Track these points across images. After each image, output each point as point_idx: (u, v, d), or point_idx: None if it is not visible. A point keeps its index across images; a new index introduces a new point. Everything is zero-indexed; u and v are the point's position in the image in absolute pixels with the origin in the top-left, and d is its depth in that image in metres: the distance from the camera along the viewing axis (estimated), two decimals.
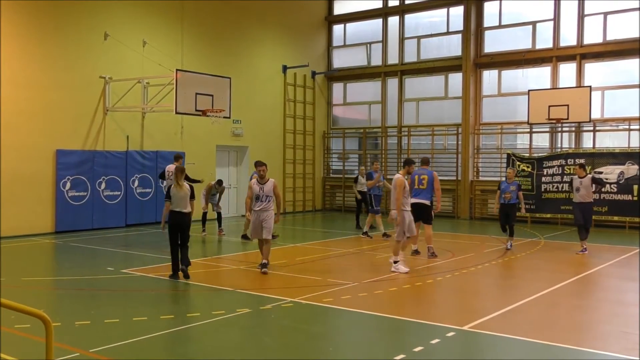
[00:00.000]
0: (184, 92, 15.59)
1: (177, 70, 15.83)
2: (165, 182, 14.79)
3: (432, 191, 12.62)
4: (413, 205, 12.44)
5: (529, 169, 19.06)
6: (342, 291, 9.22)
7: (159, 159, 18.08)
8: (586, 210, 13.29)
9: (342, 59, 24.83)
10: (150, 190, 17.90)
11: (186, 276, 9.90)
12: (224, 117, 16.95)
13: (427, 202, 12.65)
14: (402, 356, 6.20)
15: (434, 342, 6.69)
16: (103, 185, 16.75)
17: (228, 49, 20.60)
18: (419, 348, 6.48)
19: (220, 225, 15.75)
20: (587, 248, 13.24)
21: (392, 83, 23.47)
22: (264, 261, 10.59)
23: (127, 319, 7.50)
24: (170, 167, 14.12)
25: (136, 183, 17.57)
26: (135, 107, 17.44)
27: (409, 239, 11.14)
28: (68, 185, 15.97)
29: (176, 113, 15.87)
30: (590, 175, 13.30)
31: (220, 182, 15.94)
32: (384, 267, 11.53)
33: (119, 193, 17.15)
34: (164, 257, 12.30)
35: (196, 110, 16.02)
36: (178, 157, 14.76)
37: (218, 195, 15.71)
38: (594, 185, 13.23)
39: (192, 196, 10.11)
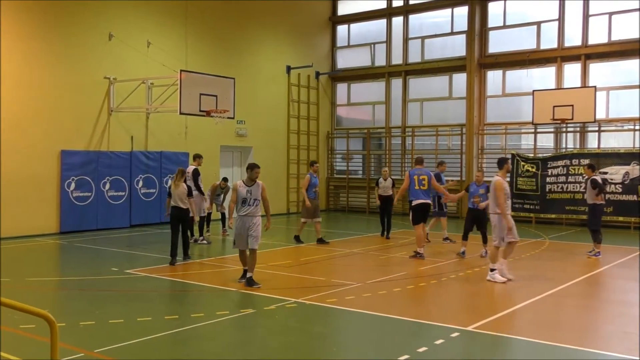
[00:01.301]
0: (188, 93, 15.60)
1: (181, 70, 15.84)
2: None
3: (431, 190, 12.75)
4: (418, 205, 12.50)
5: (534, 170, 19.02)
6: (346, 292, 9.22)
7: (163, 160, 18.12)
8: (589, 211, 13.16)
9: (346, 60, 24.82)
10: (154, 190, 17.93)
11: (187, 255, 11.89)
12: (228, 118, 16.95)
13: (429, 202, 12.88)
14: (406, 356, 6.19)
15: (438, 342, 6.69)
16: (107, 186, 16.79)
17: (232, 49, 20.63)
18: (423, 348, 6.47)
19: (224, 226, 15.76)
20: (600, 252, 12.67)
21: (396, 83, 23.45)
22: (249, 275, 9.47)
23: (131, 320, 7.52)
24: (189, 168, 14.32)
25: (140, 183, 17.60)
26: (140, 107, 17.48)
27: (510, 244, 10.19)
28: (73, 185, 16.02)
29: (180, 114, 15.88)
30: (591, 177, 13.02)
31: (225, 179, 15.94)
32: (388, 268, 11.53)
33: (124, 193, 17.19)
34: (168, 258, 12.32)
35: (200, 110, 16.03)
36: (197, 156, 14.81)
37: (223, 195, 15.73)
38: (595, 187, 12.90)
39: (190, 194, 11.76)
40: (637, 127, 18.77)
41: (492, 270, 10.08)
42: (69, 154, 15.99)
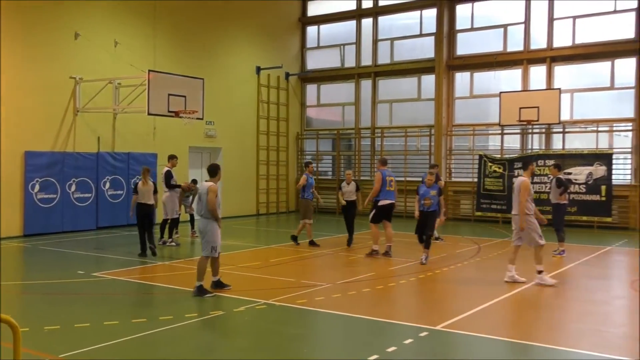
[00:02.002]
0: (157, 93, 15.43)
1: (149, 70, 15.67)
2: (162, 184, 14.24)
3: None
4: (385, 206, 12.66)
5: (501, 170, 19.31)
6: (315, 292, 9.22)
7: (131, 161, 17.89)
8: (553, 211, 13.43)
9: (315, 61, 24.85)
10: (122, 192, 17.67)
11: (154, 254, 12.17)
12: (197, 119, 16.83)
13: (394, 202, 13.09)
14: (375, 356, 6.22)
15: (407, 342, 6.73)
16: (73, 187, 16.49)
17: (201, 49, 20.47)
18: (393, 348, 6.51)
19: (193, 227, 15.62)
20: (564, 250, 12.99)
21: (366, 84, 23.57)
22: (199, 283, 8.88)
23: (98, 323, 7.39)
24: (163, 170, 14.35)
25: (107, 185, 17.34)
26: (107, 108, 17.22)
27: (517, 248, 10.23)
28: (37, 187, 15.69)
29: (148, 114, 15.70)
30: (557, 177, 13.29)
31: (194, 181, 15.80)
32: (358, 268, 11.57)
33: (90, 195, 16.90)
34: (136, 260, 12.17)
35: (169, 111, 15.88)
36: (171, 157, 14.66)
37: (192, 197, 15.58)
38: (560, 186, 13.17)
39: (156, 191, 12.60)
40: (600, 129, 19.19)
41: (539, 272, 9.91)
42: (34, 155, 15.66)
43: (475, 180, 20.08)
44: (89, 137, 17.13)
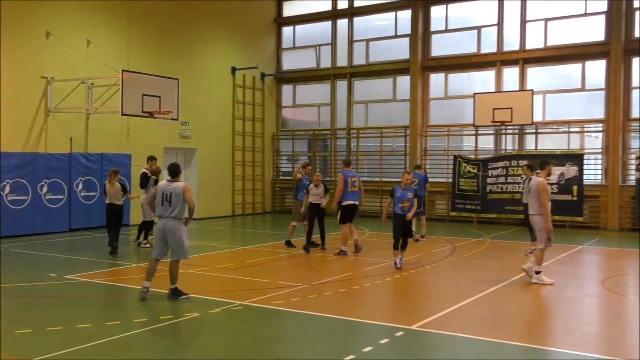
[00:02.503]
0: (131, 93, 15.28)
1: (123, 70, 15.50)
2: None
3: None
4: (348, 206, 12.76)
5: (475, 171, 19.50)
6: (292, 293, 9.21)
7: (104, 161, 17.65)
8: (526, 211, 13.60)
9: (291, 61, 24.82)
10: (95, 193, 17.43)
11: (116, 252, 12.63)
12: (172, 119, 16.71)
13: (358, 203, 13.19)
14: (351, 357, 6.23)
15: (383, 342, 6.75)
16: (45, 189, 16.22)
17: (176, 50, 20.31)
18: (369, 348, 6.53)
19: None
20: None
21: (341, 85, 23.62)
22: (174, 286, 8.73)
23: (70, 326, 7.28)
24: (141, 171, 14.26)
25: (80, 186, 17.09)
26: (79, 108, 16.98)
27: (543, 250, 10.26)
28: (7, 189, 15.39)
29: (122, 114, 15.54)
30: (530, 177, 13.45)
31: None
32: (334, 269, 11.58)
33: (62, 196, 16.64)
34: (109, 262, 12.04)
35: (143, 111, 15.73)
36: (149, 158, 14.51)
37: None
38: None
39: (124, 190, 13.11)
40: (571, 130, 19.50)
41: (537, 272, 9.96)
42: (4, 156, 15.35)
43: (450, 180, 20.25)
44: (61, 137, 16.87)
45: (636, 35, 18.56)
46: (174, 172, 8.98)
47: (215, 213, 21.62)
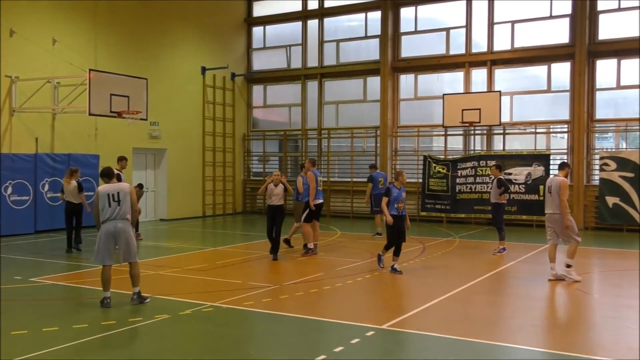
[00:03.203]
0: (98, 93, 15.07)
1: (90, 70, 15.27)
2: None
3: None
4: (319, 205, 12.87)
5: (445, 171, 19.70)
6: (263, 294, 9.19)
7: (72, 162, 17.33)
8: (493, 210, 13.83)
9: (262, 61, 24.75)
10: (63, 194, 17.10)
11: (78, 250, 13.18)
12: (141, 119, 16.53)
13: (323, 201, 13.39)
14: (323, 357, 6.24)
15: (354, 341, 6.78)
16: (10, 190, 15.86)
17: (145, 49, 20.09)
18: (340, 348, 6.55)
19: (137, 230, 15.28)
20: (505, 248, 13.38)
21: (312, 86, 23.64)
22: (138, 289, 8.56)
23: (36, 330, 7.15)
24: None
25: (46, 187, 16.77)
26: (45, 108, 16.67)
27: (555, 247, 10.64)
28: None
29: (90, 114, 15.31)
30: (498, 177, 13.70)
31: (140, 185, 15.50)
32: (305, 269, 11.58)
33: (28, 198, 16.31)
34: (76, 264, 11.85)
35: (111, 111, 15.52)
36: (120, 159, 14.45)
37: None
38: (501, 187, 13.51)
39: (80, 190, 13.36)
40: (538, 130, 19.85)
41: (568, 266, 10.26)
42: None
43: (420, 180, 20.42)
44: (26, 137, 16.54)
45: (600, 37, 18.98)
46: (107, 175, 8.67)
47: (185, 214, 21.45)
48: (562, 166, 10.94)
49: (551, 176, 11.00)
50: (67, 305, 8.82)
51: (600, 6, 18.97)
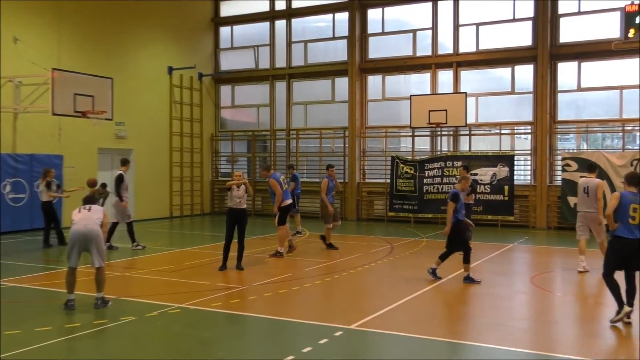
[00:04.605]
0: (62, 93, 14.85)
1: (53, 69, 15.00)
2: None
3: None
4: (286, 206, 13.02)
5: (412, 171, 19.89)
6: (231, 295, 9.16)
7: (34, 162, 17.02)
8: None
9: (229, 62, 24.63)
10: (24, 195, 16.78)
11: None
12: (106, 119, 16.31)
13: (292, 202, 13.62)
14: (291, 357, 6.26)
15: (322, 342, 6.81)
16: None
17: (110, 48, 19.79)
18: (308, 348, 6.57)
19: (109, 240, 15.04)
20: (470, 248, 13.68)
21: (280, 86, 23.62)
22: (102, 295, 8.41)
23: None
24: (116, 173, 14.11)
25: (8, 188, 16.40)
26: (6, 107, 16.30)
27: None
28: None
29: (53, 114, 15.04)
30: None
31: (104, 185, 15.27)
32: (274, 270, 11.57)
33: None
34: (41, 266, 11.64)
35: (75, 111, 15.29)
36: (125, 161, 14.38)
37: (102, 200, 15.03)
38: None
39: (48, 187, 13.96)
40: (502, 132, 20.19)
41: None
42: None
43: (388, 181, 20.58)
44: None
45: (561, 40, 19.40)
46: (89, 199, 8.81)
47: (152, 215, 21.20)
48: (593, 168, 11.75)
49: (582, 178, 11.64)
50: (30, 308, 8.64)
51: (562, 9, 19.38)
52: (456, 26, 20.72)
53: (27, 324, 7.51)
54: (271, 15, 23.65)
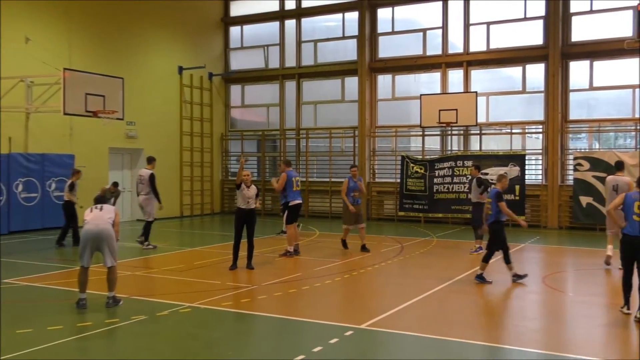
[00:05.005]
0: (73, 92, 14.91)
1: (64, 69, 15.08)
2: (138, 186, 14.26)
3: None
4: (296, 206, 12.87)
5: (422, 171, 19.83)
6: (241, 294, 9.16)
7: (46, 162, 17.14)
8: (473, 210, 13.92)
9: (239, 61, 24.66)
10: (36, 195, 16.89)
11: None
12: (117, 119, 16.38)
13: (302, 202, 13.52)
14: (301, 357, 6.25)
15: (332, 341, 6.80)
16: None
17: (121, 48, 19.88)
18: (319, 348, 6.56)
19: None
20: (481, 247, 13.43)
21: (290, 86, 23.61)
22: (113, 294, 8.43)
23: (9, 332, 7.04)
24: (141, 171, 14.33)
25: (20, 187, 16.51)
26: (18, 107, 16.40)
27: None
28: None
29: (64, 114, 15.12)
30: (477, 177, 13.80)
31: (115, 184, 15.36)
32: (284, 269, 11.57)
33: (1, 198, 16.04)
34: (52, 265, 11.71)
35: (86, 111, 15.36)
36: (152, 159, 14.59)
37: (113, 199, 15.13)
38: (481, 186, 13.69)
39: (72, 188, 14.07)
40: (513, 131, 20.08)
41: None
42: None
43: (398, 180, 20.53)
44: None
45: (573, 39, 19.27)
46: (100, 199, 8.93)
47: (162, 214, 21.16)
48: (620, 166, 11.80)
49: (610, 177, 11.73)
50: (42, 307, 8.68)
51: (573, 8, 19.26)
52: (467, 25, 20.63)
53: (39, 322, 7.55)
54: (281, 15, 23.66)
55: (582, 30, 19.13)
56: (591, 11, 19.01)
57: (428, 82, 21.53)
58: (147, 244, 13.93)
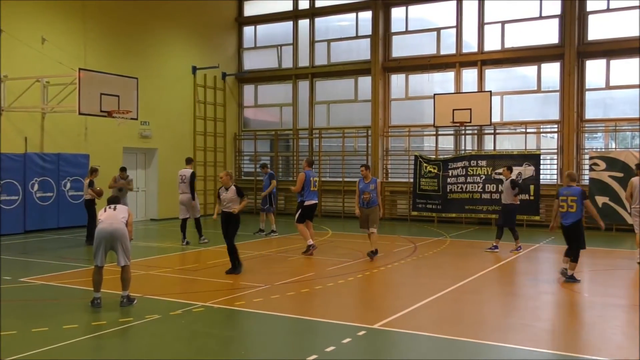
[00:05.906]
0: (88, 92, 15.01)
1: (79, 69, 15.20)
2: (180, 186, 14.81)
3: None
4: (311, 206, 12.87)
5: (436, 171, 19.74)
6: (254, 294, 9.17)
7: (61, 162, 17.28)
8: (506, 211, 13.86)
9: (253, 61, 24.71)
10: (51, 194, 17.04)
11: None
12: (131, 119, 16.47)
13: (317, 202, 13.72)
14: (314, 356, 6.24)
15: (345, 341, 6.79)
16: None
17: (135, 48, 20.00)
18: (331, 348, 6.55)
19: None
20: (497, 246, 13.62)
21: (303, 85, 23.63)
22: (127, 293, 8.44)
23: (25, 331, 7.10)
24: (182, 171, 14.84)
25: (36, 187, 16.67)
26: (34, 107, 16.56)
27: None
28: None
29: (79, 114, 15.24)
30: (510, 179, 13.84)
31: (123, 169, 15.56)
32: (296, 269, 11.57)
33: (17, 197, 16.21)
34: (67, 265, 11.80)
35: (101, 111, 15.47)
36: (191, 160, 15.36)
37: (128, 179, 15.42)
38: (515, 188, 13.61)
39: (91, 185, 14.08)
40: (528, 130, 19.94)
41: None
42: None
43: (411, 180, 20.46)
44: (15, 137, 16.42)
45: (589, 38, 19.09)
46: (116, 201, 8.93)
47: (176, 214, 21.22)
48: (638, 167, 12.25)
49: (635, 178, 12.07)
50: (57, 305, 8.75)
51: (590, 7, 19.08)
52: (481, 24, 20.52)
53: (55, 321, 7.61)
54: (294, 15, 23.67)
55: (598, 28, 18.95)
56: (608, 9, 18.83)
57: (442, 81, 21.44)
58: (202, 238, 14.62)
